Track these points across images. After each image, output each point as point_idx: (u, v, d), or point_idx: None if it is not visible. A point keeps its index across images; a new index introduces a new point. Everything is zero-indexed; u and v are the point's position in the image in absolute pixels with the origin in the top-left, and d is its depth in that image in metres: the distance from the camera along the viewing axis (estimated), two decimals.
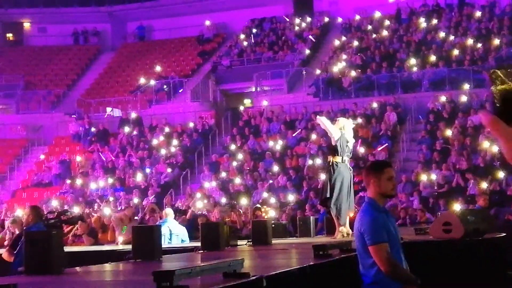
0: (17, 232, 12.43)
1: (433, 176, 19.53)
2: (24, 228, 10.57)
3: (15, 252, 9.65)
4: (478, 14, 29.48)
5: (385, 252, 5.56)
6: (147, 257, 7.18)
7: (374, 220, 5.64)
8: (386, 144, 22.06)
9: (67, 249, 7.86)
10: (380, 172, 5.72)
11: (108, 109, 30.62)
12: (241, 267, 4.90)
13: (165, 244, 10.31)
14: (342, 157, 10.43)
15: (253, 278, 4.77)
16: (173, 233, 11.92)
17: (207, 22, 34.82)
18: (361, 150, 21.03)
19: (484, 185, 17.85)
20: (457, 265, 8.00)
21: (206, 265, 5.04)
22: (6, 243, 13.58)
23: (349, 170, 10.60)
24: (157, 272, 4.08)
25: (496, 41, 26.46)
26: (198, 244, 9.30)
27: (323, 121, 10.69)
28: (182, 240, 12.09)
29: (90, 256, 9.34)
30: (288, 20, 33.59)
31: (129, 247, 8.51)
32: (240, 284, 4.56)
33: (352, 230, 7.04)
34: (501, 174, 18.37)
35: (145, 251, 7.28)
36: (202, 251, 8.63)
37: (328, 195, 10.23)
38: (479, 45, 26.41)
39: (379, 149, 21.61)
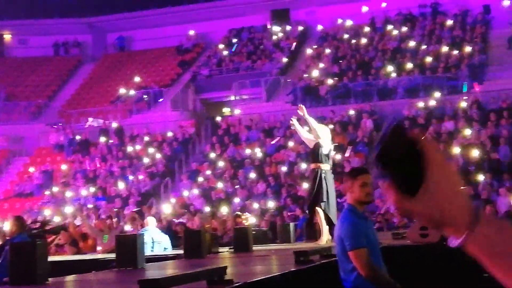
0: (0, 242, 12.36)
1: None
2: (8, 238, 10.52)
3: None
4: (450, 22, 29.74)
5: (364, 257, 5.59)
6: (131, 265, 7.16)
7: (354, 225, 5.68)
8: (349, 147, 22.08)
9: (50, 259, 7.81)
10: (354, 179, 5.78)
11: (90, 119, 30.50)
12: (224, 274, 4.91)
13: (147, 252, 10.28)
14: (331, 165, 10.47)
15: (237, 285, 4.78)
16: (155, 241, 11.88)
17: (191, 32, 34.81)
18: (337, 156, 21.10)
19: None
20: (434, 268, 8.05)
21: (190, 273, 5.05)
22: None
23: (332, 177, 10.65)
24: (143, 280, 4.07)
25: (469, 49, 26.69)
26: (181, 251, 9.28)
27: (318, 133, 10.47)
28: (165, 248, 12.06)
29: (74, 266, 9.29)
30: (269, 27, 33.67)
31: (112, 255, 8.48)
32: None
33: (333, 236, 7.07)
34: (480, 178, 18.51)
35: (128, 260, 7.25)
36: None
37: (324, 199, 10.12)
38: (455, 52, 26.63)
39: (346, 154, 21.64)
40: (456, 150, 20.22)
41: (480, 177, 18.53)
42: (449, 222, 1.31)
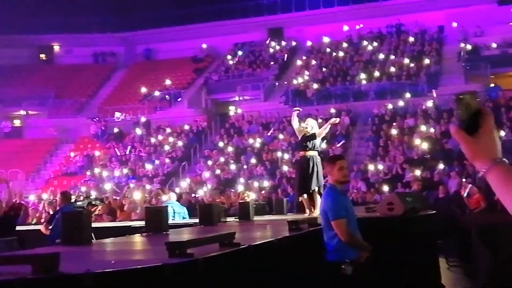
0: (51, 212, 12.40)
1: (379, 166, 19.62)
2: (57, 208, 10.55)
3: (50, 227, 9.63)
4: (412, 39, 29.71)
5: (344, 226, 5.64)
6: (157, 231, 7.16)
7: (334, 200, 5.73)
8: (343, 141, 22.12)
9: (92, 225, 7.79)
10: (333, 164, 5.84)
11: (118, 114, 30.47)
12: (233, 238, 4.93)
13: (169, 220, 10.26)
14: (318, 151, 10.36)
15: (243, 247, 4.80)
16: (176, 212, 11.88)
17: (204, 45, 34.84)
18: (323, 145, 21.09)
19: (417, 173, 17.99)
20: (398, 235, 8.08)
21: (207, 237, 5.06)
22: (42, 220, 13.54)
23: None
24: (169, 242, 4.09)
25: (426, 61, 26.68)
26: (196, 220, 9.25)
27: (323, 133, 10.33)
28: (183, 217, 12.07)
29: (111, 231, 9.30)
30: (267, 42, 33.64)
31: (142, 223, 8.48)
32: (233, 251, 4.59)
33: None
34: (434, 164, 18.52)
35: (155, 226, 7.25)
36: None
37: (318, 183, 9.82)
38: (415, 63, 26.62)
39: (338, 145, 21.59)
40: (416, 142, 20.24)
41: (435, 164, 18.55)
42: (482, 156, 1.65)
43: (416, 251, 8.05)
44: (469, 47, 27.28)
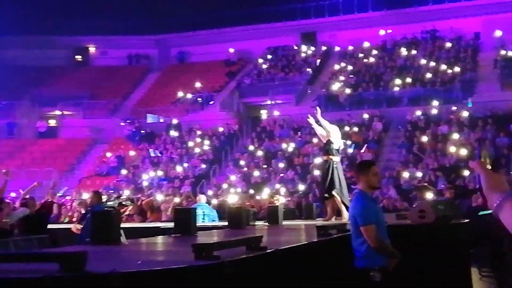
0: (82, 211, 12.52)
1: (418, 174, 19.22)
2: (88, 208, 10.64)
3: (81, 226, 9.73)
4: (448, 45, 29.35)
5: (373, 232, 5.55)
6: (186, 232, 7.15)
7: (364, 206, 5.65)
8: (366, 146, 21.84)
9: (122, 225, 7.82)
10: (367, 170, 5.75)
11: (154, 116, 30.72)
12: (260, 242, 4.88)
13: (199, 222, 10.28)
14: (340, 157, 10.39)
15: (270, 251, 4.76)
16: (205, 214, 11.90)
17: (231, 50, 35.01)
18: (350, 150, 20.95)
19: (449, 181, 17.67)
20: (429, 243, 7.94)
21: (233, 240, 5.04)
22: (74, 219, 13.68)
23: (342, 167, 10.57)
24: (196, 244, 4.07)
25: (461, 67, 26.30)
26: (225, 223, 9.24)
27: (329, 130, 10.31)
28: (213, 220, 12.08)
29: (141, 231, 9.33)
30: (300, 46, 33.57)
31: (171, 224, 8.49)
32: (260, 255, 4.55)
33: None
34: (465, 173, 18.18)
35: (184, 228, 7.24)
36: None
37: (337, 186, 9.95)
38: (450, 69, 26.27)
39: (362, 151, 21.35)
40: (451, 149, 19.92)
41: (467, 172, 18.22)
42: (499, 190, 1.77)
43: (448, 260, 7.88)
44: (510, 53, 26.75)
